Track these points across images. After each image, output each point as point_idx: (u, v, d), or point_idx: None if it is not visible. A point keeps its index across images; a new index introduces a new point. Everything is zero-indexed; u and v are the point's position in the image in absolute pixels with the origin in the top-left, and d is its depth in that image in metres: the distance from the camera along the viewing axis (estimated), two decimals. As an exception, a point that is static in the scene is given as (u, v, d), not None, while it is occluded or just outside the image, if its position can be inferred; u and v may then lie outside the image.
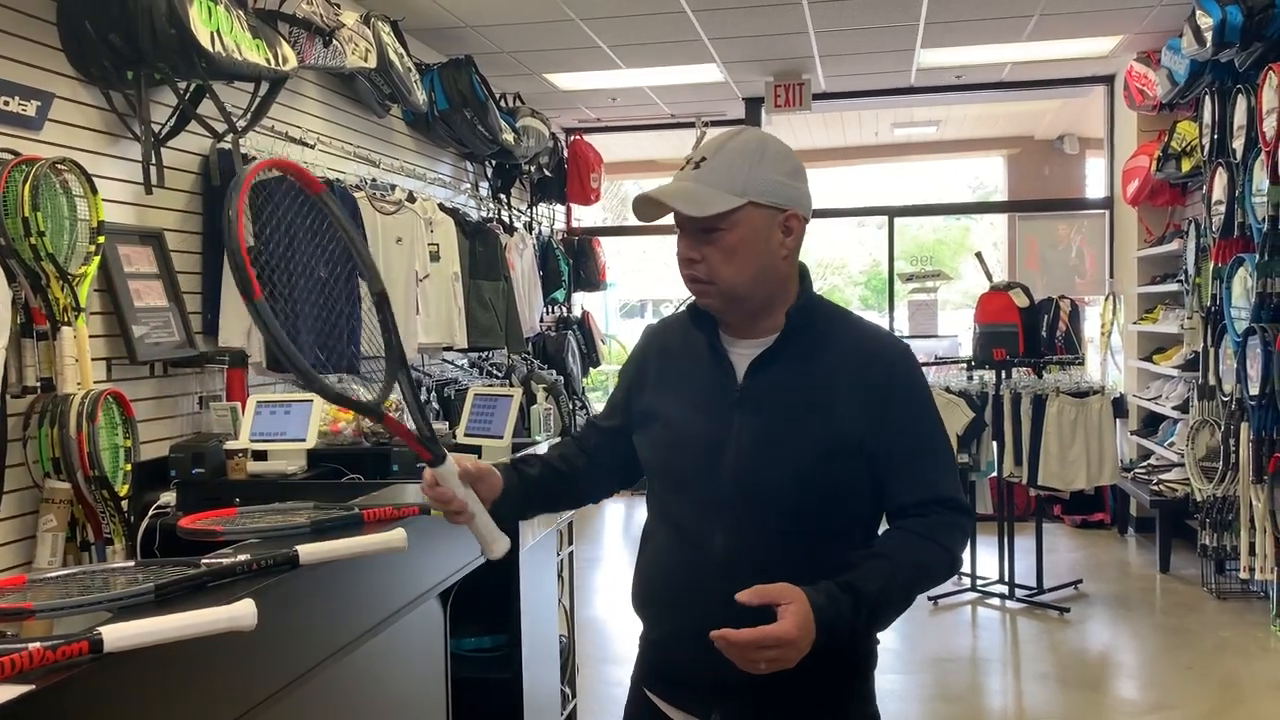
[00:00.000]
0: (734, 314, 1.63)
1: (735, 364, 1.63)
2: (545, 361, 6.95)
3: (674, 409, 1.66)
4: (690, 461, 1.62)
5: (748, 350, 1.63)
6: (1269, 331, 4.58)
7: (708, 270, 1.58)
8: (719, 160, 1.57)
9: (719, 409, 1.61)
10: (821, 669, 1.47)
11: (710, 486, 1.58)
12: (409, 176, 5.50)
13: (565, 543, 3.82)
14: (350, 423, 3.26)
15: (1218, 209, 5.37)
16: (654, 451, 1.68)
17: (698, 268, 1.58)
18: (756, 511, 1.56)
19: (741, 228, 1.56)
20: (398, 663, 2.15)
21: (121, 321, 3.41)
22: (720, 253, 1.56)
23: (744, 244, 1.56)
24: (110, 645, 1.15)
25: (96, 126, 3.42)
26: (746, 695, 1.55)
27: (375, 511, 1.85)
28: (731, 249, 1.56)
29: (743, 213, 1.55)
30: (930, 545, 1.55)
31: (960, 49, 6.53)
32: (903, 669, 4.59)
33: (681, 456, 1.63)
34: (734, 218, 1.55)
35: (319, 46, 4.11)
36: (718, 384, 1.63)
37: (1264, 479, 4.76)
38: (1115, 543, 6.90)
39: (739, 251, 1.56)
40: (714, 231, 1.56)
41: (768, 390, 1.59)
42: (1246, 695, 4.25)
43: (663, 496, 1.67)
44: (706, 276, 1.58)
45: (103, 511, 3.06)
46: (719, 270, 1.57)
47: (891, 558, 1.52)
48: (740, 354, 1.64)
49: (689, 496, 1.61)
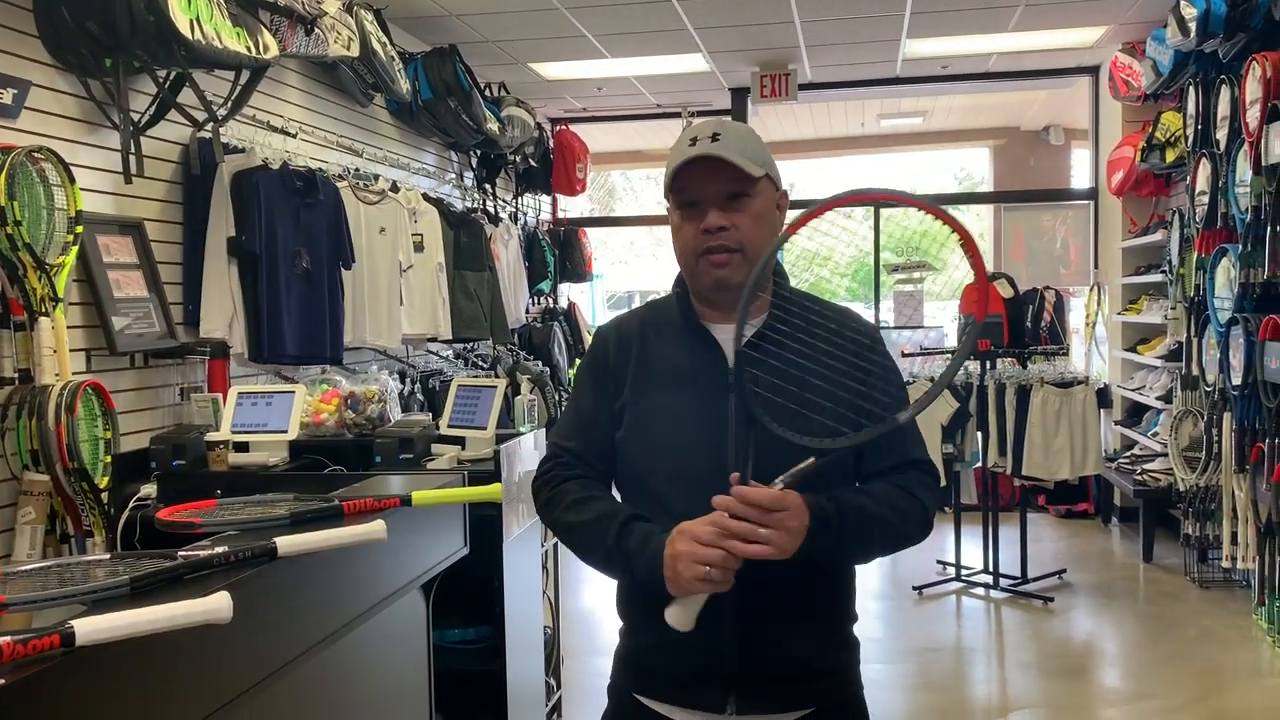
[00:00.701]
0: (741, 289, 1.62)
1: (724, 347, 1.64)
2: (531, 353, 6.93)
3: (664, 401, 1.65)
4: (689, 449, 1.61)
5: (732, 333, 1.63)
6: (1251, 322, 4.60)
7: (738, 237, 1.60)
8: (733, 134, 1.62)
9: (712, 393, 1.62)
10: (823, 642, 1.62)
11: (714, 470, 1.57)
12: (393, 166, 5.47)
13: (549, 534, 3.81)
14: (333, 414, 3.25)
15: (1201, 199, 5.39)
16: (648, 446, 1.65)
17: (727, 235, 1.60)
18: None
19: (762, 197, 1.63)
20: (380, 655, 2.14)
21: (101, 312, 3.38)
22: (749, 219, 1.61)
23: (764, 214, 1.64)
24: (82, 639, 1.14)
25: (74, 115, 3.38)
26: (759, 676, 1.57)
27: (356, 503, 1.84)
28: (758, 216, 1.63)
29: (762, 183, 1.63)
30: (906, 495, 1.62)
31: (946, 39, 6.53)
32: (887, 658, 4.60)
33: (680, 446, 1.62)
34: (759, 186, 1.63)
35: (301, 35, 4.08)
36: (707, 368, 1.64)
37: (1246, 468, 4.79)
38: (1099, 532, 6.93)
39: (763, 219, 1.63)
40: (742, 198, 1.61)
41: (761, 369, 1.60)
42: (1228, 683, 4.28)
43: (656, 490, 1.63)
44: (737, 244, 1.60)
45: (82, 504, 3.03)
46: (750, 235, 1.61)
47: (871, 494, 1.60)
48: (726, 338, 1.64)
49: (690, 484, 1.58)
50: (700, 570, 1.44)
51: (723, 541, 1.44)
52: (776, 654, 1.48)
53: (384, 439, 3.06)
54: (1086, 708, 4.08)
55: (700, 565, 1.44)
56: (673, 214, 1.67)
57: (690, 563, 1.45)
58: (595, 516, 1.61)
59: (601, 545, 1.59)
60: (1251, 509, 4.75)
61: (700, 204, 1.62)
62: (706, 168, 1.59)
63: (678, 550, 1.47)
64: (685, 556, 1.45)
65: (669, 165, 1.64)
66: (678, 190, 1.63)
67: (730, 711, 1.60)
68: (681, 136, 1.65)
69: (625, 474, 1.69)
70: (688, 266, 1.66)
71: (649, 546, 1.52)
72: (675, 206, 1.65)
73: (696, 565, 1.44)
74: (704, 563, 1.44)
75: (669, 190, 1.65)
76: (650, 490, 1.64)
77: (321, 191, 4.20)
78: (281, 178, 4.02)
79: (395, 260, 4.87)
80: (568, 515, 1.65)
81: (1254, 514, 4.73)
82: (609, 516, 1.60)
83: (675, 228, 1.66)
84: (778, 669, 1.58)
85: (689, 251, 1.64)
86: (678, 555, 1.46)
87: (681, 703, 1.64)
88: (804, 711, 1.63)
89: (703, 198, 1.61)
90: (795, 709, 1.62)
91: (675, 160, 1.62)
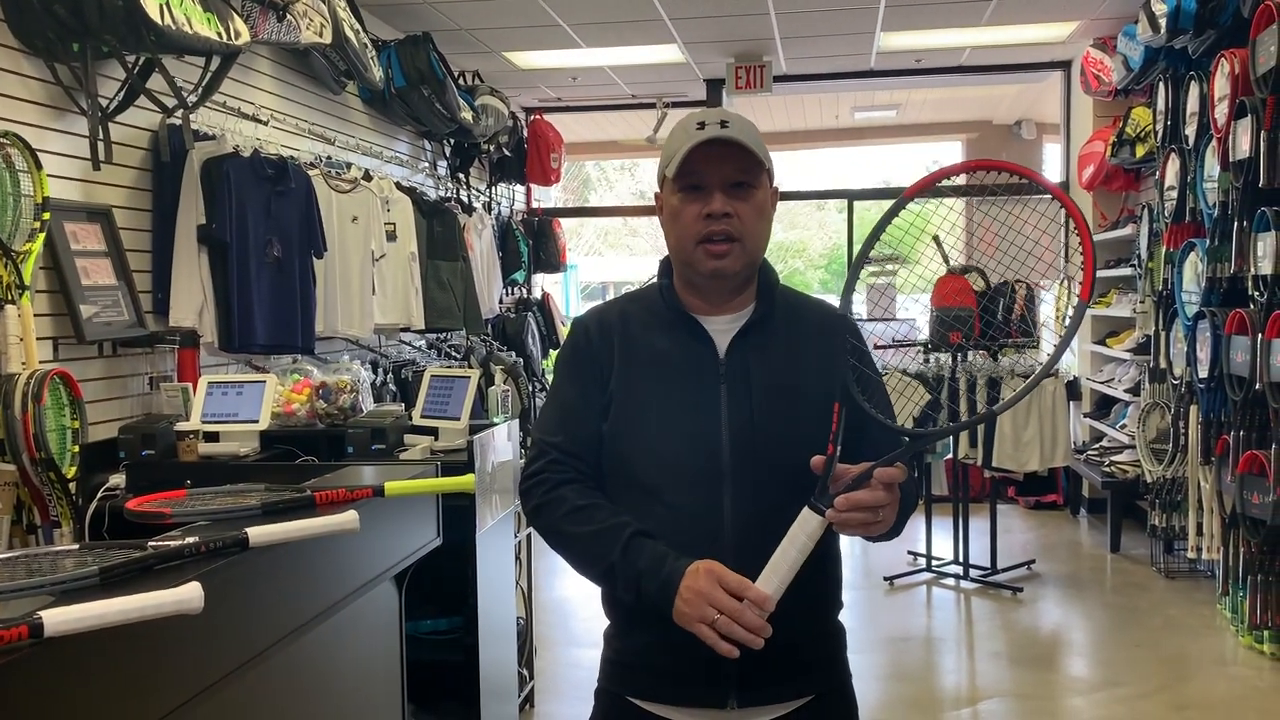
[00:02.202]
0: (736, 279, 1.63)
1: (714, 338, 1.63)
2: (504, 343, 6.91)
3: (654, 391, 1.62)
4: (682, 440, 1.59)
5: (722, 324, 1.65)
6: (1218, 316, 4.66)
7: (739, 226, 1.59)
8: (739, 123, 1.60)
9: (705, 383, 1.61)
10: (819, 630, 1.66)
11: (707, 461, 1.57)
12: (365, 154, 5.43)
13: (524, 525, 3.81)
14: (304, 404, 3.22)
15: (1170, 194, 5.45)
16: (639, 438, 1.62)
17: (730, 222, 1.58)
18: (760, 477, 1.57)
19: (764, 188, 1.63)
20: (352, 645, 2.13)
21: (69, 300, 3.33)
22: (751, 209, 1.61)
23: (764, 204, 1.63)
24: (51, 630, 1.12)
25: (41, 100, 3.33)
26: (760, 669, 1.56)
27: (328, 493, 1.82)
28: (759, 206, 1.62)
29: (765, 174, 1.63)
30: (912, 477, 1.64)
31: (920, 33, 6.56)
32: (858, 648, 4.63)
33: (672, 437, 1.59)
34: (762, 177, 1.62)
35: (272, 21, 4.03)
36: (699, 358, 1.63)
37: (1211, 461, 4.85)
38: (1067, 523, 7.01)
39: (763, 210, 1.63)
40: (745, 187, 1.60)
41: (753, 360, 1.61)
42: (1192, 672, 4.34)
43: (648, 483, 1.60)
44: (738, 232, 1.59)
45: (49, 494, 3.00)
46: (751, 225, 1.61)
47: None
48: (716, 329, 1.64)
49: (683, 476, 1.58)
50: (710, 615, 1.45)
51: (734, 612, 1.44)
52: (776, 645, 1.47)
53: (356, 429, 3.05)
54: (1054, 696, 4.13)
55: (711, 611, 1.44)
56: (670, 198, 1.62)
57: (704, 605, 1.45)
58: (597, 530, 1.57)
59: (603, 559, 1.56)
60: (1216, 501, 4.82)
61: (704, 189, 1.59)
62: (716, 152, 1.57)
63: (700, 588, 1.46)
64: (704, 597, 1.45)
65: (673, 148, 1.60)
66: (684, 173, 1.59)
67: (732, 707, 1.58)
68: (685, 121, 1.62)
69: (614, 466, 1.64)
70: (684, 252, 1.62)
71: (664, 568, 1.50)
72: (677, 190, 1.60)
73: (708, 609, 1.45)
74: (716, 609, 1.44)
75: (673, 174, 1.60)
76: (641, 483, 1.61)
77: (293, 179, 4.16)
78: (252, 165, 3.98)
79: (368, 249, 4.83)
80: (566, 525, 1.61)
81: (1219, 506, 4.80)
82: (614, 530, 1.56)
83: (674, 212, 1.62)
84: (777, 660, 1.55)
85: (688, 236, 1.60)
86: (698, 593, 1.46)
87: (680, 702, 1.61)
88: (803, 700, 1.63)
89: (709, 182, 1.58)
90: (795, 699, 1.61)
91: (684, 143, 1.57)
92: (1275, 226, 4.08)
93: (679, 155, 1.57)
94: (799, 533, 1.47)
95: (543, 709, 3.97)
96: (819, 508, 1.46)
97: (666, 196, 1.64)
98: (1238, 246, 4.50)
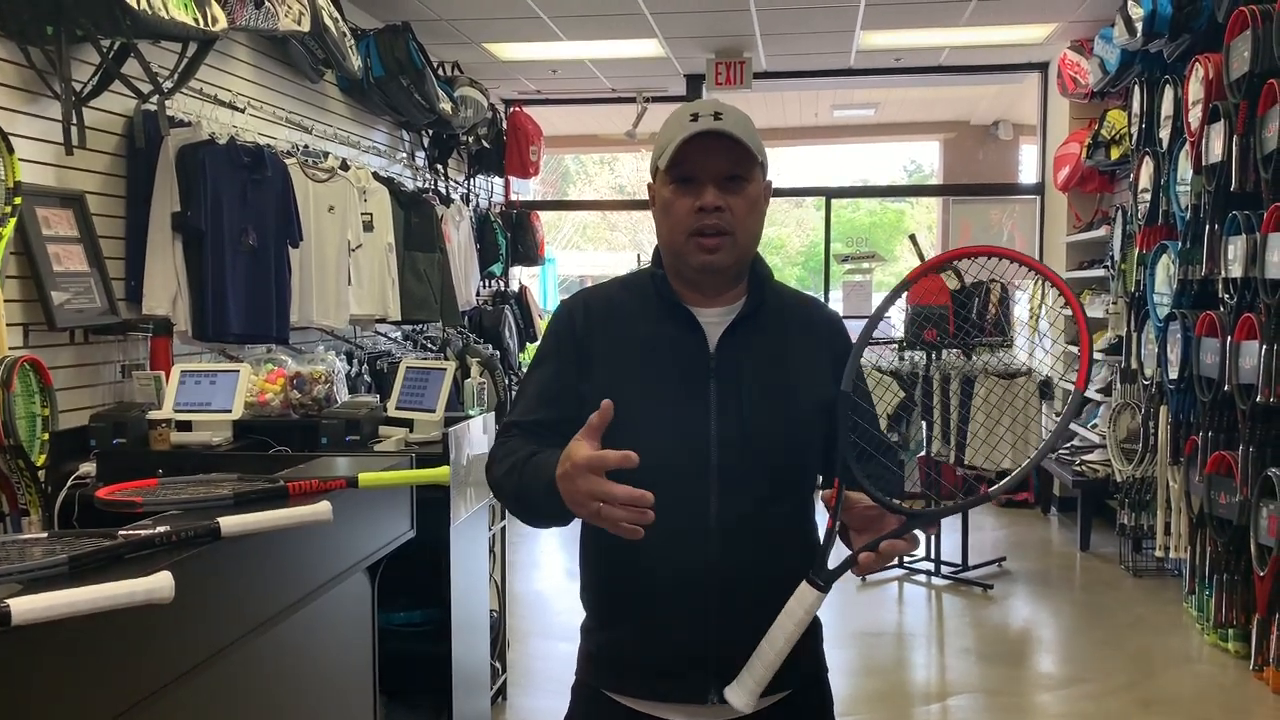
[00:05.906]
0: (727, 274, 1.62)
1: (706, 329, 1.62)
2: (481, 336, 6.89)
3: (642, 380, 1.60)
4: (671, 432, 1.57)
5: (713, 316, 1.63)
6: (1189, 318, 4.71)
7: (732, 220, 1.57)
8: (734, 115, 1.59)
9: (694, 376, 1.60)
10: None
11: (696, 453, 1.56)
12: (343, 144, 5.40)
13: (498, 517, 3.81)
14: (278, 394, 3.21)
15: (1144, 197, 5.50)
16: (625, 427, 1.52)
17: (723, 216, 1.57)
18: (748, 474, 1.57)
19: (757, 182, 1.61)
20: (325, 636, 2.12)
21: (40, 286, 3.29)
22: (744, 203, 1.59)
23: (757, 199, 1.61)
24: (19, 618, 1.12)
25: (13, 83, 3.29)
26: (741, 663, 1.53)
27: (301, 484, 1.82)
28: (753, 200, 1.60)
29: (758, 168, 1.61)
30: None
31: (900, 32, 6.59)
32: (830, 643, 4.62)
33: (660, 429, 1.57)
34: (755, 171, 1.60)
35: (250, 8, 4.00)
36: (689, 350, 1.61)
37: (1180, 461, 4.91)
38: (1038, 522, 7.07)
39: (756, 204, 1.61)
40: (739, 181, 1.58)
41: (743, 354, 1.61)
42: (1158, 669, 4.40)
43: (633, 477, 1.50)
44: (730, 226, 1.57)
45: (18, 482, 2.97)
46: (743, 220, 1.59)
47: None
48: (708, 320, 1.63)
49: (671, 470, 1.54)
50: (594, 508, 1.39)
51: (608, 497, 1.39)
52: (758, 639, 1.47)
53: (330, 420, 3.03)
54: (1022, 692, 4.17)
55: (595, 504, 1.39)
56: (661, 190, 1.61)
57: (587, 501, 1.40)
58: (509, 468, 1.57)
59: (513, 484, 1.56)
60: (1184, 500, 4.88)
61: (696, 181, 1.57)
62: (710, 145, 1.55)
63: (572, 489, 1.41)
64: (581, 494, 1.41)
65: (667, 139, 1.58)
66: (677, 165, 1.57)
67: (713, 701, 1.57)
68: (679, 112, 1.61)
69: None
70: (674, 245, 1.60)
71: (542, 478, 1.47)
72: (669, 181, 1.59)
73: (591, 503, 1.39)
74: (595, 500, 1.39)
75: (665, 165, 1.58)
76: (625, 476, 1.52)
77: (269, 168, 4.13)
78: (228, 153, 3.95)
79: (344, 239, 4.81)
80: (496, 472, 1.61)
81: (1186, 505, 4.86)
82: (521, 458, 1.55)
83: (665, 204, 1.60)
84: None
85: (680, 229, 1.58)
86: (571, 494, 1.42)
87: (661, 696, 1.60)
88: (782, 694, 1.63)
89: (702, 175, 1.56)
90: (775, 691, 1.60)
91: (677, 134, 1.55)
92: (1245, 230, 4.13)
93: (671, 146, 1.55)
94: (796, 608, 1.47)
95: (515, 702, 3.97)
96: (818, 584, 1.47)
97: (658, 188, 1.62)
98: (1209, 249, 4.56)
